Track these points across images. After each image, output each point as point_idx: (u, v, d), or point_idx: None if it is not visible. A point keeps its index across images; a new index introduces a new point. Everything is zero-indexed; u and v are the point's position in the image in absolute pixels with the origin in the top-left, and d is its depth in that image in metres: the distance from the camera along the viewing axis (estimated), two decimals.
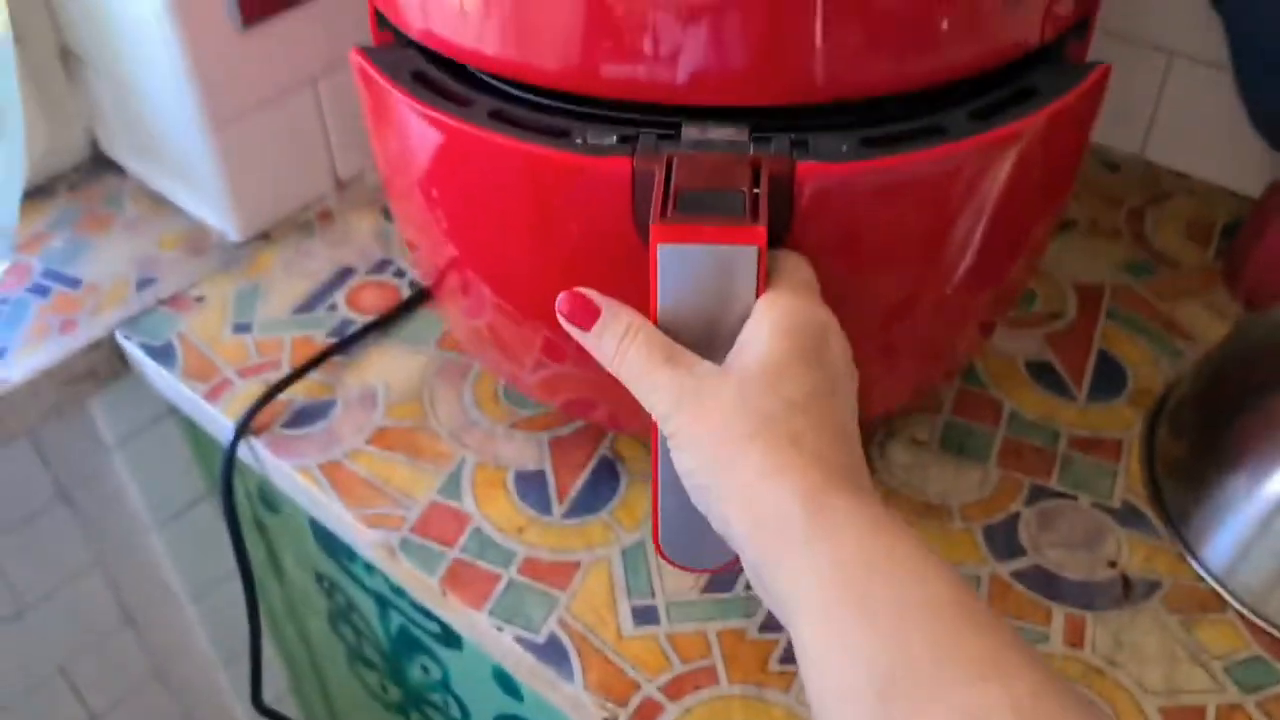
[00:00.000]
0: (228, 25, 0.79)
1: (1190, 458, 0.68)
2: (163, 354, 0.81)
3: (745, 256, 0.44)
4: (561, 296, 0.47)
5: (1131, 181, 0.93)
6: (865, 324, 0.50)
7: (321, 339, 0.81)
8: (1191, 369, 0.74)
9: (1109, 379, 0.76)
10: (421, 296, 0.84)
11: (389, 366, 0.79)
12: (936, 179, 0.51)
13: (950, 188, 0.51)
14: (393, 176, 0.63)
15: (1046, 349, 0.78)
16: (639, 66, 0.50)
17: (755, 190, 0.46)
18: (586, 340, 0.46)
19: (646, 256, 0.45)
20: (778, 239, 0.50)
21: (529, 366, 0.64)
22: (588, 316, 0.46)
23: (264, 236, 0.90)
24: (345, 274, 0.87)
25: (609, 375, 0.46)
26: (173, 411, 0.94)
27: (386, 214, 0.92)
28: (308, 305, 0.84)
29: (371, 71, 0.57)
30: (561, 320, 0.47)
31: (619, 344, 0.45)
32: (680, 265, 0.45)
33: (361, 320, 0.82)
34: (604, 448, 0.73)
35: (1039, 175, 0.55)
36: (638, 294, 0.46)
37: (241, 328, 0.82)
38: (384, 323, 0.82)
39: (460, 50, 0.55)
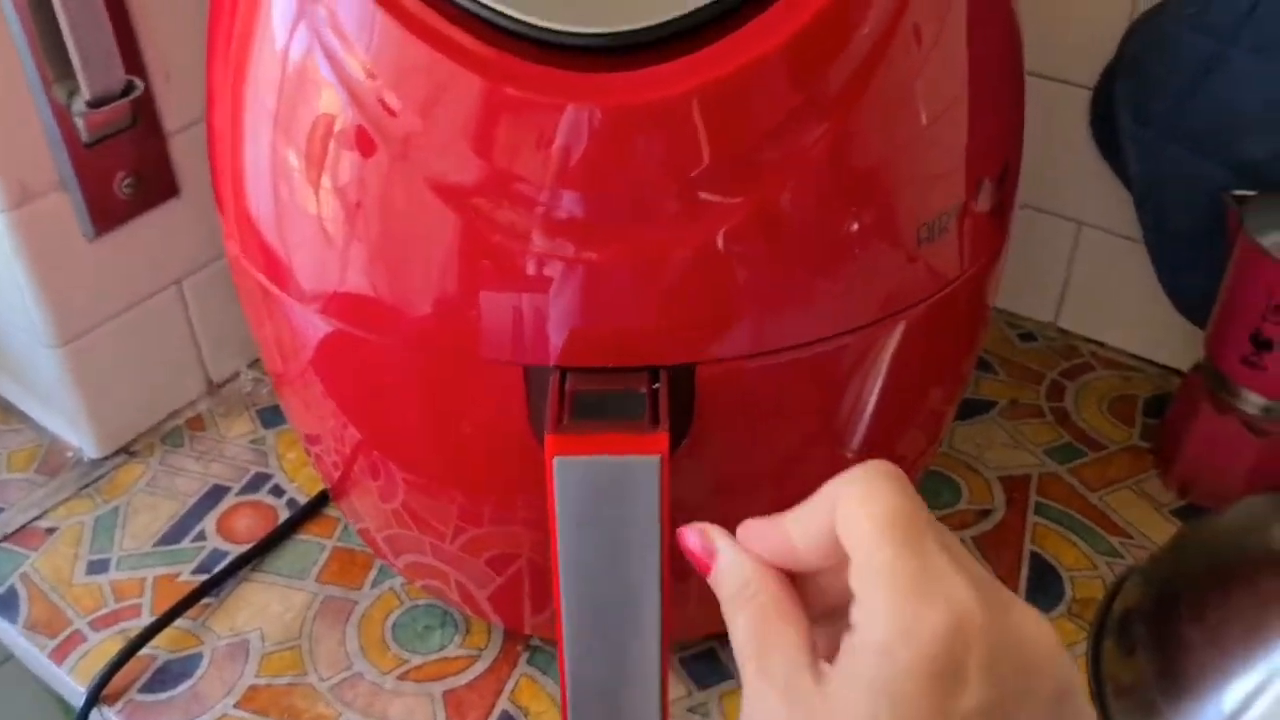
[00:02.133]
0: (77, 235, 0.72)
1: (1142, 684, 0.63)
2: (4, 603, 0.72)
3: (647, 468, 0.42)
4: (680, 532, 0.40)
5: (1048, 352, 0.90)
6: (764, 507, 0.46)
7: (188, 575, 0.73)
8: (1134, 579, 0.69)
9: (1045, 587, 0.71)
10: (301, 517, 0.76)
11: (264, 607, 0.71)
12: (833, 357, 0.50)
13: (847, 365, 0.51)
14: (282, 372, 0.59)
15: (975, 552, 0.73)
16: (517, 339, 0.46)
17: (655, 386, 0.45)
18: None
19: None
20: (680, 436, 0.48)
21: (449, 537, 0.59)
22: (703, 560, 0.38)
23: (127, 451, 0.82)
24: (217, 494, 0.79)
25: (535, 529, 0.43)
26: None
27: (263, 418, 0.85)
28: (174, 534, 0.76)
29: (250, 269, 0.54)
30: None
31: (733, 602, 0.37)
32: (579, 477, 0.42)
33: (234, 551, 0.74)
34: (504, 700, 0.65)
35: (938, 346, 0.56)
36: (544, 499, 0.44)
37: (97, 566, 0.74)
38: (259, 551, 0.74)
39: (324, 296, 0.50)
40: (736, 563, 0.37)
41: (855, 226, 0.46)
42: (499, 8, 0.42)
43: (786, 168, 0.43)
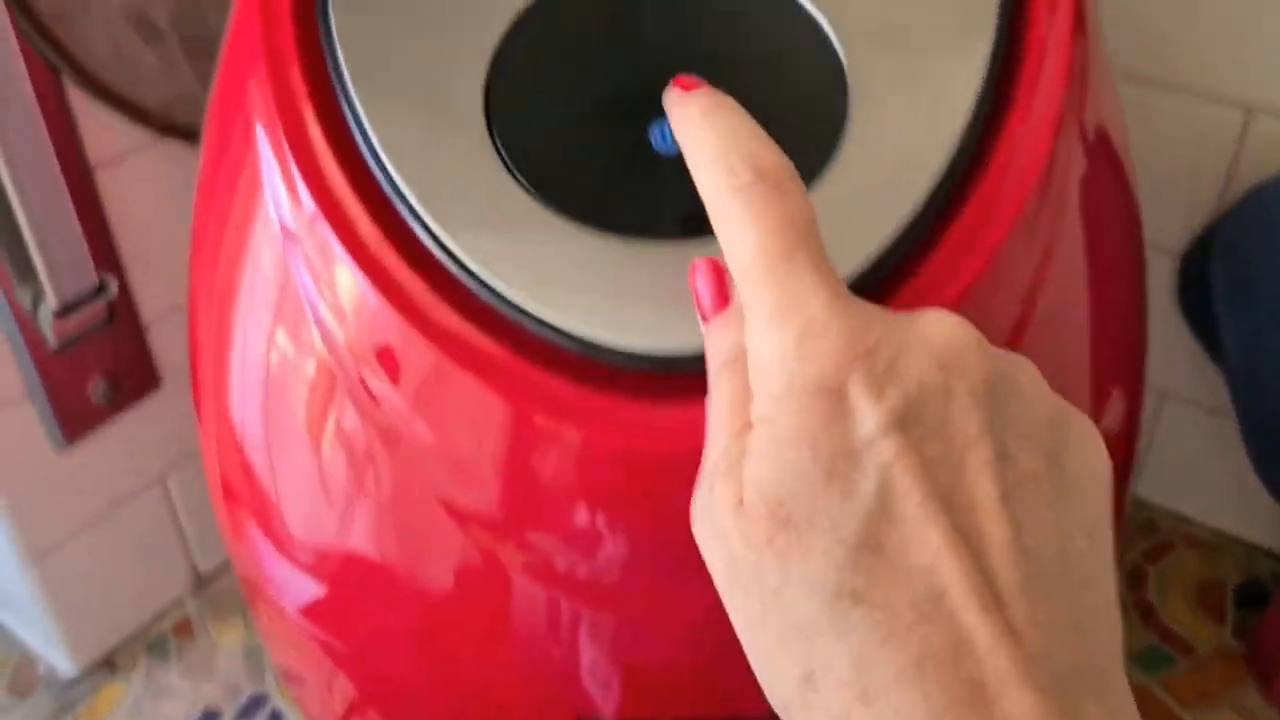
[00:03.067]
0: (45, 447, 0.65)
1: None
2: None
3: None
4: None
5: (1128, 526, 0.82)
6: None
7: None
8: None
9: None
10: None
11: None
12: None
13: None
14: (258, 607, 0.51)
15: None
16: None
17: None
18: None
19: None
20: None
21: None
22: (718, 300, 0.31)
23: (107, 665, 0.74)
24: None
25: None
26: None
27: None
28: None
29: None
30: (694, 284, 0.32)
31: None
32: None
33: None
34: None
35: None
36: None
37: None
38: None
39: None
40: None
41: None
42: (535, 310, 0.34)
43: None
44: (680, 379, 0.33)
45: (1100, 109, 0.39)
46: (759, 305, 0.26)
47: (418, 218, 0.36)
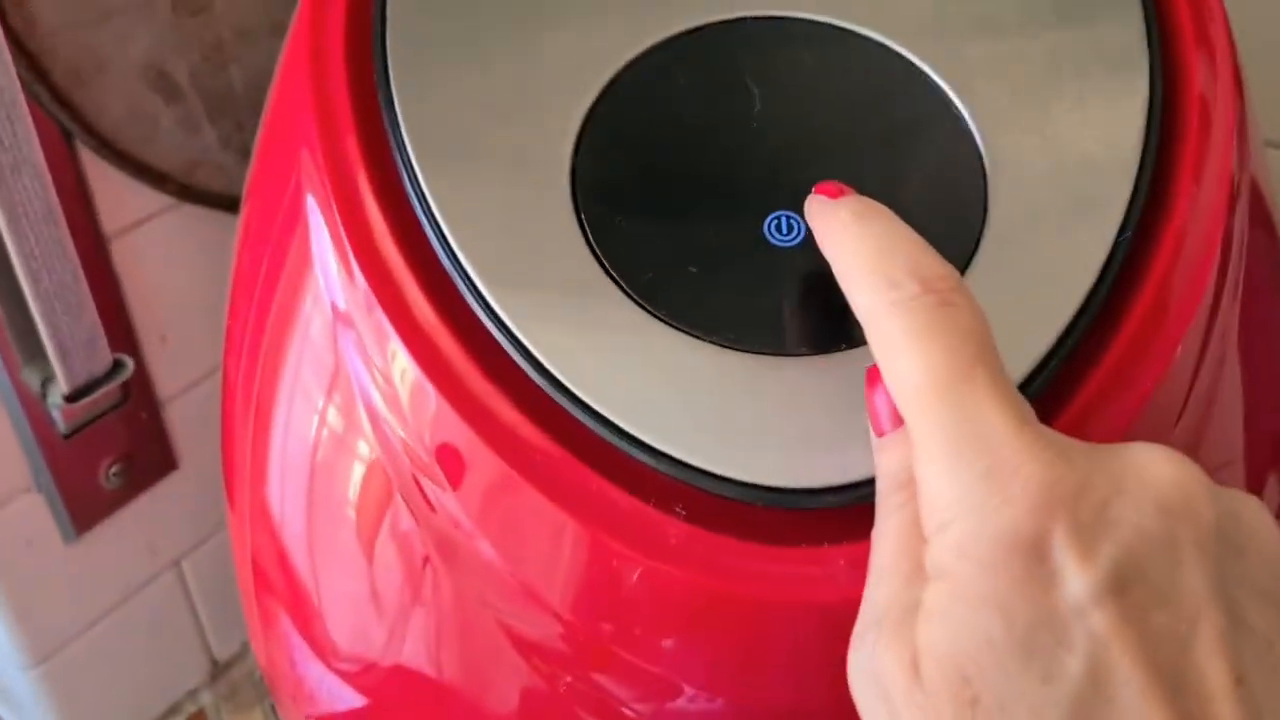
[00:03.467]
0: (54, 540, 0.60)
1: None
2: None
3: None
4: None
5: None
6: None
7: None
8: None
9: None
10: None
11: None
12: None
13: None
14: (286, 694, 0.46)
15: None
16: None
17: None
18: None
19: None
20: None
21: None
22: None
23: None
24: None
25: None
26: None
27: (275, 710, 0.71)
28: None
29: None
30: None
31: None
32: None
33: None
34: None
35: None
36: None
37: None
38: None
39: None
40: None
41: None
42: (627, 426, 0.30)
43: None
44: (797, 517, 0.29)
45: (1256, 170, 0.35)
46: (933, 435, 0.22)
47: (486, 306, 0.31)
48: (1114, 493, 0.21)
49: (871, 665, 0.22)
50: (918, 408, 0.22)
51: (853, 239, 0.25)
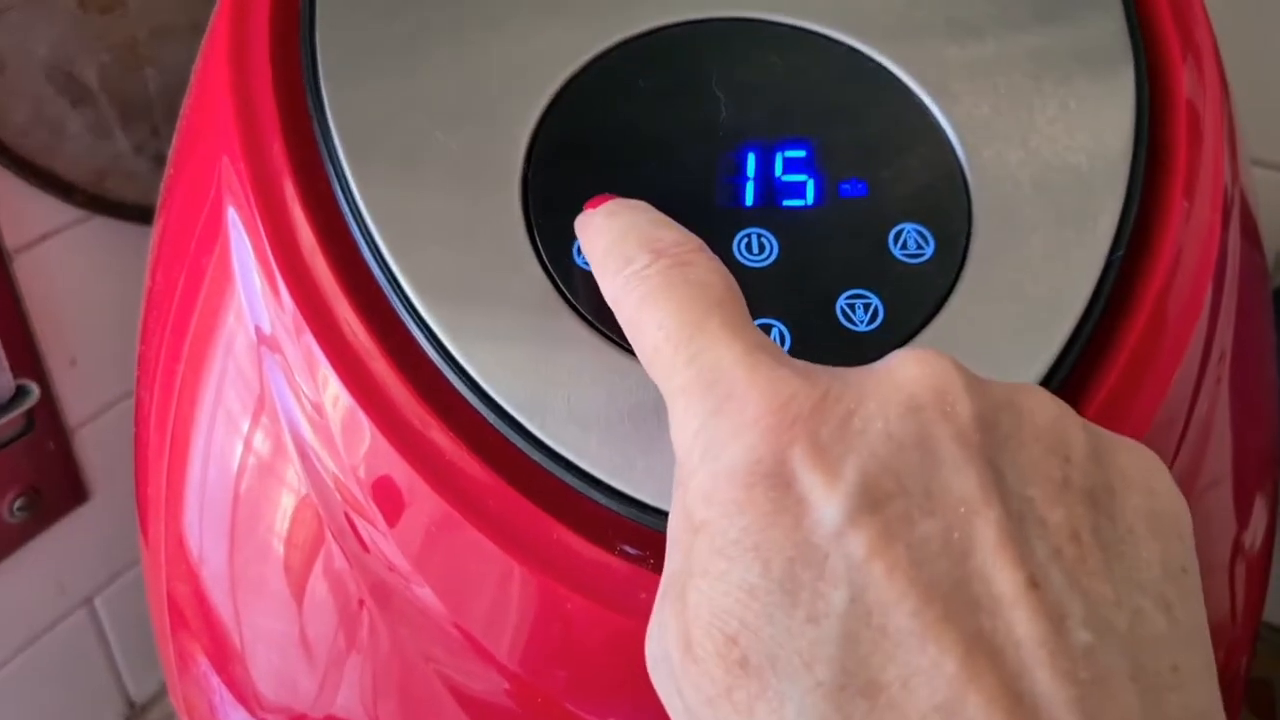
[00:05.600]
0: None
1: None
2: None
3: None
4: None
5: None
6: None
7: None
8: None
9: None
10: None
11: None
12: None
13: None
14: None
15: None
16: None
17: None
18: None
19: None
20: None
21: None
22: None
23: None
24: None
25: None
26: None
27: None
28: None
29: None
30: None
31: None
32: None
33: None
34: None
35: None
36: None
37: None
38: None
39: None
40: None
41: None
42: (581, 463, 0.27)
43: None
44: None
45: (1245, 182, 0.33)
46: (669, 390, 0.20)
47: (426, 329, 0.28)
48: (856, 403, 0.18)
49: (662, 650, 0.20)
50: (657, 369, 0.21)
51: (599, 233, 0.24)
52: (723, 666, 0.18)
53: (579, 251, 0.28)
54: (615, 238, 0.23)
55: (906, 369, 0.19)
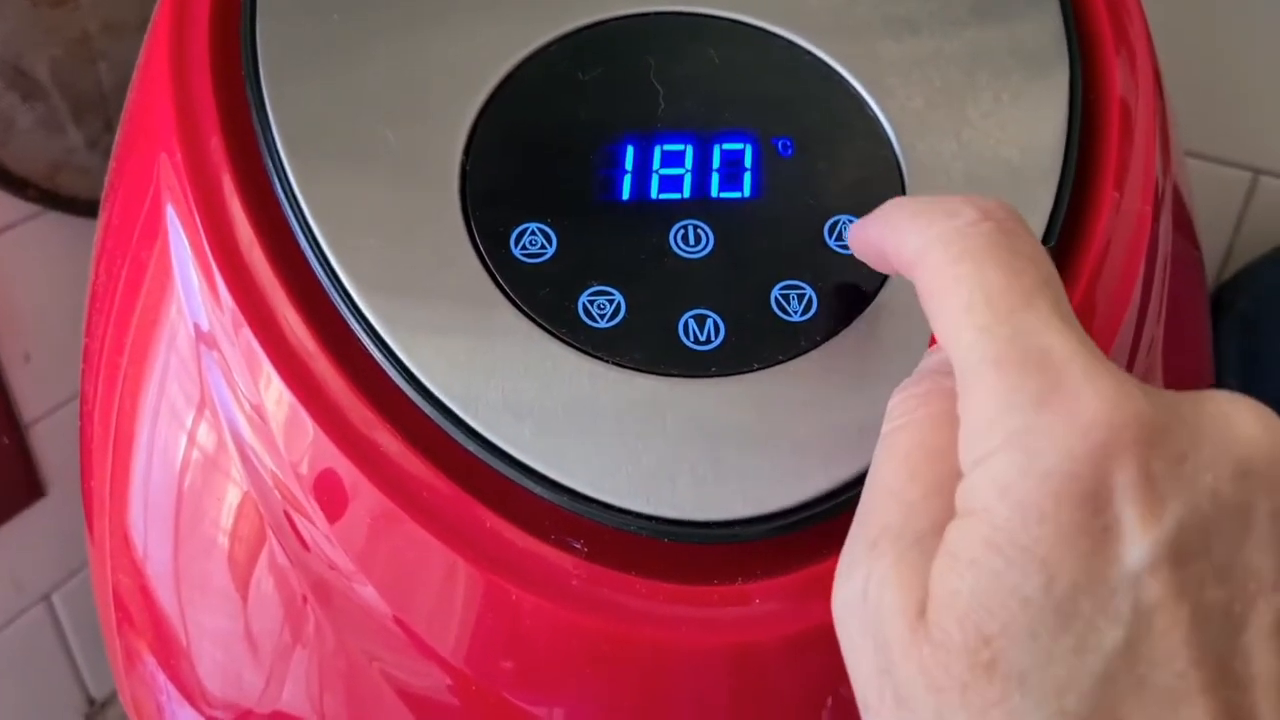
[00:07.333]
0: None
1: None
2: None
3: None
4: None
5: None
6: None
7: None
8: None
9: None
10: None
11: None
12: None
13: None
14: None
15: None
16: None
17: None
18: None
19: None
20: None
21: None
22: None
23: None
24: None
25: None
26: None
27: None
28: None
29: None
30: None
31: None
32: None
33: None
34: None
35: None
36: None
37: None
38: None
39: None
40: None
41: None
42: (521, 456, 0.27)
43: None
44: (707, 553, 0.26)
45: (1178, 176, 0.34)
46: (982, 352, 0.19)
47: (367, 325, 0.28)
48: (1191, 445, 0.18)
49: (866, 605, 0.19)
50: (964, 330, 0.19)
51: (903, 203, 0.23)
52: (967, 662, 0.17)
53: (516, 242, 0.28)
54: (929, 201, 0.22)
55: (1246, 425, 0.18)
